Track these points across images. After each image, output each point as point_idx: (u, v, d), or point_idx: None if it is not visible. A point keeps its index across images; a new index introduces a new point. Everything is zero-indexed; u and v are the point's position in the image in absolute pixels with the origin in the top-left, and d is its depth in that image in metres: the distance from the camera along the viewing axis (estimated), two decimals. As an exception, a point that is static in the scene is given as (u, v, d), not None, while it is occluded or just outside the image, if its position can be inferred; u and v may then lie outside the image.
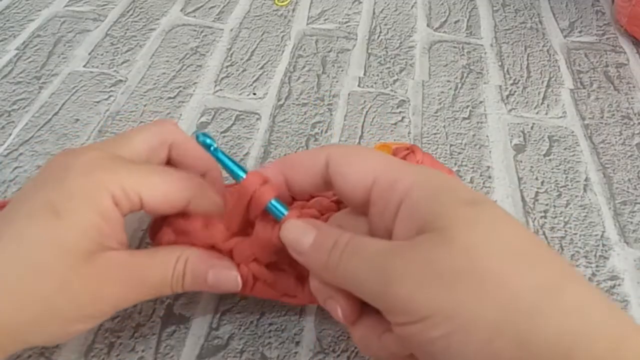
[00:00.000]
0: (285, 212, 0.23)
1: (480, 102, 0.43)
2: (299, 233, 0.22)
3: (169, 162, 0.27)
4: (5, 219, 0.22)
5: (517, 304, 0.17)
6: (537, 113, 0.42)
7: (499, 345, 0.16)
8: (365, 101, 0.42)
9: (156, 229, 0.26)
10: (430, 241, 0.19)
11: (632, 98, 0.44)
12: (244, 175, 0.23)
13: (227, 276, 0.25)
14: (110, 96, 0.41)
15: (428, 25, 0.51)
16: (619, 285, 0.31)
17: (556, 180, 0.37)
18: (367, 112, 0.41)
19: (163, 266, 0.24)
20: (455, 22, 0.51)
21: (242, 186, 0.23)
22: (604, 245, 0.33)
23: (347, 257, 0.20)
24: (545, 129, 0.41)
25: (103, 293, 0.23)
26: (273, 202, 0.23)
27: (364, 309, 0.21)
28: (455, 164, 0.38)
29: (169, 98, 0.42)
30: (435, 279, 0.18)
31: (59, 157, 0.24)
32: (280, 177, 0.24)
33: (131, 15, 0.50)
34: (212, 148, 0.24)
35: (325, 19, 0.51)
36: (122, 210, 0.23)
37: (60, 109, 0.40)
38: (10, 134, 0.38)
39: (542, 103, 0.43)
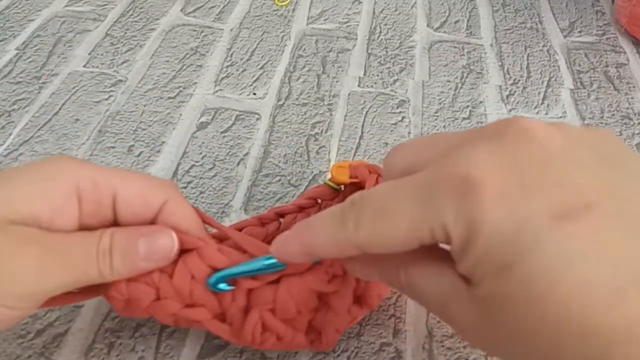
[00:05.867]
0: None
1: (480, 102, 0.43)
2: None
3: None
4: None
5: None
6: (537, 113, 0.42)
7: None
8: (365, 101, 0.42)
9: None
10: (519, 289, 0.16)
11: (632, 98, 0.44)
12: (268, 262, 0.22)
13: (161, 239, 0.22)
14: (110, 96, 0.41)
15: (428, 25, 0.51)
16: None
17: (556, 180, 0.37)
18: (367, 112, 0.41)
19: (85, 240, 0.21)
20: (455, 22, 0.51)
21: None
22: (604, 245, 0.33)
23: None
24: (545, 129, 0.41)
25: (16, 269, 0.20)
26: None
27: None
28: (455, 164, 0.38)
29: (169, 98, 0.42)
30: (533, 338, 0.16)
31: None
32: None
33: (131, 15, 0.50)
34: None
35: (325, 19, 0.51)
36: (86, 205, 0.22)
37: (60, 109, 0.40)
38: (10, 134, 0.38)
39: (542, 103, 0.43)
